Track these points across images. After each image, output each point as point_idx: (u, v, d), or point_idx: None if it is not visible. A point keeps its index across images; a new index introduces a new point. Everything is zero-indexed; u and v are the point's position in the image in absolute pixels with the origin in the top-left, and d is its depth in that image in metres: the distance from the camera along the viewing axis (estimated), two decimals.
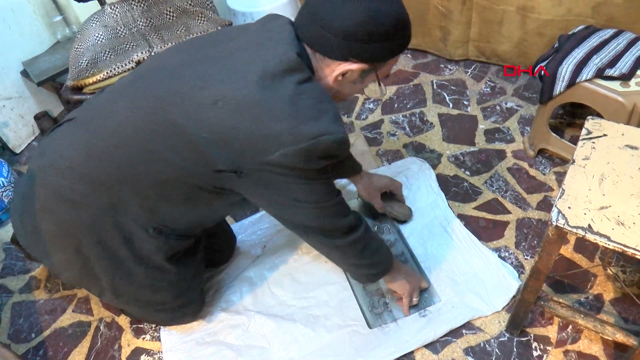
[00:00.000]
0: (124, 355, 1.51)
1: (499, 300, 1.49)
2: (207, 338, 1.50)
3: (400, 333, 1.45)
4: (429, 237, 1.68)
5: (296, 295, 1.57)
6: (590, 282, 1.54)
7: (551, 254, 1.13)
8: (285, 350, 1.44)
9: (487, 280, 1.54)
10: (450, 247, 1.64)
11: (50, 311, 1.64)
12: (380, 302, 1.52)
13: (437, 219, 1.72)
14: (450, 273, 1.57)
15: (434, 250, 1.64)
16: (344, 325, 1.48)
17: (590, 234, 1.01)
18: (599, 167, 1.14)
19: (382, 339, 1.44)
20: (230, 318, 1.53)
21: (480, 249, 1.62)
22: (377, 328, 1.46)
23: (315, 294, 1.56)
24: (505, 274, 1.54)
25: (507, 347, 1.42)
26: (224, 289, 1.61)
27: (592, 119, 1.26)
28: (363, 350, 1.42)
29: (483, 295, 1.50)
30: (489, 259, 1.59)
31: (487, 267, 1.57)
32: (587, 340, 1.41)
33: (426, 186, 1.83)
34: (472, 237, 1.65)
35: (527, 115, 2.09)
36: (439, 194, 1.80)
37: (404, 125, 2.12)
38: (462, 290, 1.52)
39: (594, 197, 1.08)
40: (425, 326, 1.45)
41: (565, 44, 1.74)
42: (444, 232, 1.68)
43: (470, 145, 2.00)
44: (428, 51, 2.46)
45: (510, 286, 1.51)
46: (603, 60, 1.63)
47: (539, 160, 1.90)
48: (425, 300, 1.51)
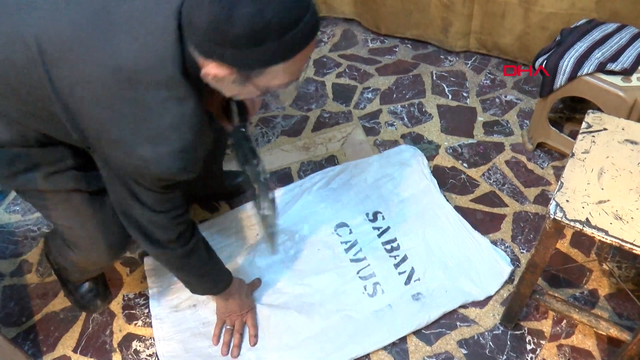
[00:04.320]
0: (115, 341, 1.51)
1: (491, 284, 1.52)
2: (202, 328, 1.49)
3: (394, 317, 1.46)
4: (421, 222, 1.69)
5: (290, 282, 1.57)
6: (586, 277, 1.55)
7: (548, 248, 1.13)
8: (278, 338, 1.45)
9: (480, 265, 1.56)
10: (442, 232, 1.66)
11: (41, 295, 1.63)
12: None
13: (429, 205, 1.74)
14: (442, 257, 1.59)
15: (427, 235, 1.66)
16: (338, 311, 1.49)
17: (587, 228, 1.02)
18: (598, 161, 1.14)
19: (376, 324, 1.45)
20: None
21: (472, 234, 1.64)
22: (371, 313, 1.47)
23: (309, 281, 1.56)
24: (498, 258, 1.57)
25: (501, 340, 1.43)
26: None
27: (592, 113, 1.25)
28: (357, 336, 1.43)
29: (475, 280, 1.53)
30: (481, 244, 1.61)
31: (479, 252, 1.59)
32: (581, 335, 1.42)
33: (418, 172, 1.84)
34: (464, 223, 1.67)
35: (527, 108, 2.09)
36: (431, 180, 1.81)
37: (402, 116, 2.11)
38: (455, 274, 1.54)
39: (592, 191, 1.08)
40: (420, 310, 1.47)
41: (567, 37, 1.73)
42: (437, 217, 1.70)
43: (469, 137, 2.00)
44: (428, 42, 2.45)
45: (503, 270, 1.54)
46: (605, 54, 1.62)
47: (537, 154, 1.91)
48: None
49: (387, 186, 1.81)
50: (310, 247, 1.66)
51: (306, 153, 2.00)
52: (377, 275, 1.56)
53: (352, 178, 1.85)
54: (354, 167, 1.88)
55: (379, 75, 2.32)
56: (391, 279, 1.55)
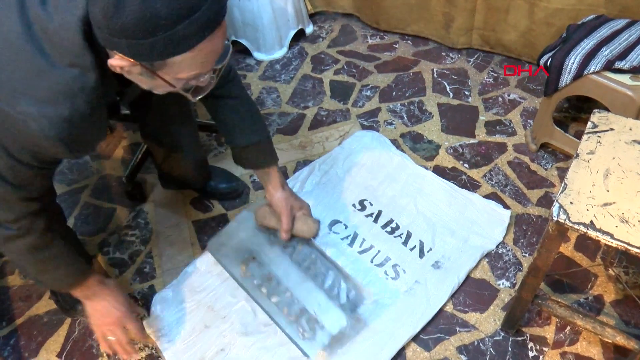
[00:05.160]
0: None
1: (496, 231, 1.66)
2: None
3: (426, 290, 1.53)
4: (409, 197, 1.77)
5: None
6: (591, 282, 1.54)
7: (551, 251, 1.12)
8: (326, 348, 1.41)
9: (479, 218, 1.69)
10: (433, 200, 1.75)
11: (24, 297, 1.62)
12: (307, 323, 1.44)
13: (410, 178, 1.82)
14: (443, 223, 1.69)
15: (420, 207, 1.74)
16: (371, 303, 1.50)
17: (592, 231, 1.01)
18: (604, 162, 1.13)
19: (413, 302, 1.51)
20: (255, 340, 1.46)
21: (461, 193, 1.76)
22: (403, 294, 1.52)
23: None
24: (494, 206, 1.71)
25: (502, 346, 1.42)
26: (234, 314, 1.52)
27: (598, 112, 1.24)
28: (401, 319, 1.47)
29: (481, 233, 1.65)
30: (472, 199, 1.74)
31: (474, 206, 1.72)
32: (586, 343, 1.41)
33: (386, 152, 1.91)
34: (449, 184, 1.79)
35: (531, 108, 2.08)
36: (402, 155, 1.88)
37: (402, 114, 2.11)
38: (462, 234, 1.65)
39: (597, 193, 1.07)
40: (446, 275, 1.56)
41: (573, 34, 1.73)
42: (421, 188, 1.79)
43: (470, 137, 2.00)
44: (429, 38, 2.44)
45: (502, 215, 1.68)
46: (613, 52, 1.62)
47: (541, 155, 1.90)
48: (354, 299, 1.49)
49: (360, 173, 1.86)
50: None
51: (302, 152, 1.99)
52: (393, 258, 1.61)
53: (324, 176, 1.87)
54: (321, 164, 1.91)
55: (378, 72, 2.32)
56: (407, 257, 1.61)
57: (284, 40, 2.45)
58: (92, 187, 1.94)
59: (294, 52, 2.48)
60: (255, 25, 2.33)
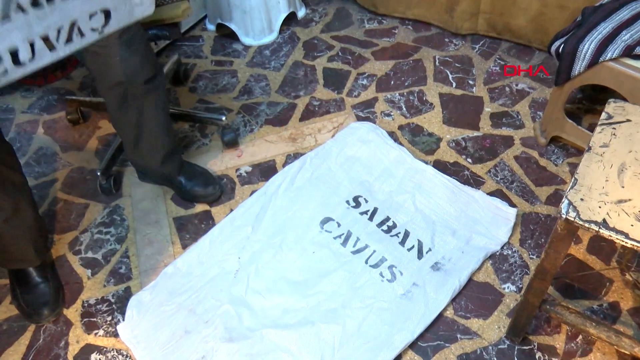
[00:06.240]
0: (70, 354, 1.47)
1: (501, 231, 1.64)
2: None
3: (425, 293, 1.51)
4: (406, 193, 1.76)
5: (300, 295, 1.53)
6: (605, 287, 1.52)
7: (559, 252, 1.11)
8: (318, 356, 1.40)
9: (482, 217, 1.67)
10: (432, 197, 1.74)
11: None
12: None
13: (408, 173, 1.81)
14: (444, 222, 1.67)
15: (418, 204, 1.72)
16: (365, 307, 1.49)
17: (605, 230, 0.99)
18: (619, 155, 1.11)
19: (410, 306, 1.49)
20: (240, 347, 1.43)
21: (463, 190, 1.74)
22: (399, 297, 1.51)
23: (319, 288, 1.54)
24: (499, 204, 1.69)
25: (507, 356, 1.40)
26: (217, 319, 1.50)
27: (614, 102, 1.23)
28: (398, 324, 1.45)
29: (485, 233, 1.63)
30: (475, 197, 1.72)
31: (477, 204, 1.70)
32: (600, 354, 1.39)
33: (383, 145, 1.90)
34: (451, 180, 1.77)
35: (540, 98, 2.06)
36: (399, 148, 1.87)
37: (400, 105, 2.10)
38: (464, 234, 1.64)
39: (611, 189, 1.05)
40: (446, 278, 1.54)
41: (589, 17, 1.69)
42: (420, 183, 1.78)
43: (474, 129, 1.98)
44: (431, 23, 2.43)
45: (508, 214, 1.66)
46: (634, 36, 1.58)
47: (551, 149, 1.88)
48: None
49: (355, 168, 1.85)
50: (302, 252, 1.63)
51: (293, 144, 1.98)
52: (389, 258, 1.59)
53: (316, 170, 1.85)
54: (313, 158, 1.89)
55: (375, 59, 2.31)
56: (404, 258, 1.59)
57: (273, 24, 2.44)
58: (63, 181, 1.91)
59: (284, 37, 2.47)
60: (243, 8, 2.32)
